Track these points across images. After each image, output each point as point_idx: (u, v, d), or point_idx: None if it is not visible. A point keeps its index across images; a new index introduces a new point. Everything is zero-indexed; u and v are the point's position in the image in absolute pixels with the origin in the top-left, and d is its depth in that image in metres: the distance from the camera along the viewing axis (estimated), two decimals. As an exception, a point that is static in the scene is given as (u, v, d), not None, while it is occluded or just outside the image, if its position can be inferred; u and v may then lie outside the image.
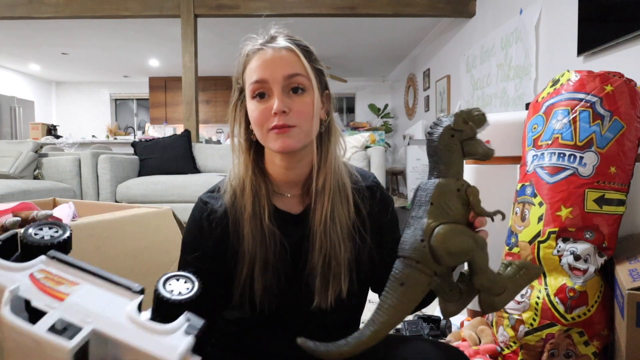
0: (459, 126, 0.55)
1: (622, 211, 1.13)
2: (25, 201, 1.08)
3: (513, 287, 0.57)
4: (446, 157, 0.56)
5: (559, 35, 2.45)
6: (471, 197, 0.55)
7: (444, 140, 0.55)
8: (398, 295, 0.53)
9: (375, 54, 6.27)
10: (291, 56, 0.67)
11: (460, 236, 0.53)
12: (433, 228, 0.53)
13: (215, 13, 3.98)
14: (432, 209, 0.54)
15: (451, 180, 0.55)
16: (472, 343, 1.33)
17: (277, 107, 0.64)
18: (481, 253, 0.54)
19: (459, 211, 0.54)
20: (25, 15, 3.96)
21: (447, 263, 0.53)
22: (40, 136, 6.00)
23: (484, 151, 0.56)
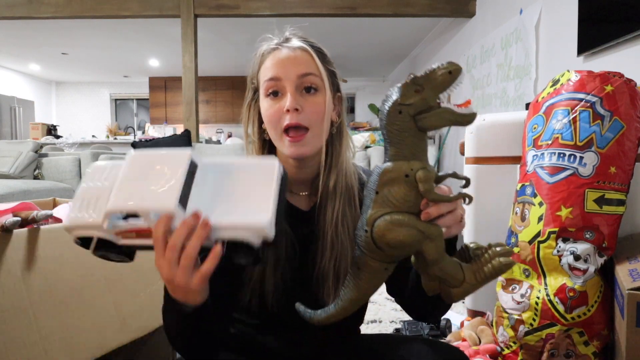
0: (406, 99, 0.47)
1: (622, 211, 1.13)
2: (25, 201, 1.08)
3: (472, 281, 0.51)
4: (395, 137, 0.49)
5: (559, 35, 2.45)
6: (420, 184, 0.48)
7: (390, 117, 0.48)
8: (357, 278, 0.54)
9: (375, 54, 6.27)
10: (305, 56, 0.68)
11: (401, 228, 0.48)
12: (374, 219, 0.50)
13: (215, 13, 3.98)
14: (376, 198, 0.50)
15: (399, 165, 0.49)
16: (472, 343, 1.33)
17: (289, 105, 0.65)
18: (431, 244, 0.49)
19: (405, 199, 0.49)
20: (25, 15, 3.96)
21: (392, 254, 0.51)
22: (40, 136, 6.00)
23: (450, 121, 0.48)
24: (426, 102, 0.47)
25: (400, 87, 0.48)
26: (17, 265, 0.85)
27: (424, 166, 0.49)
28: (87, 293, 0.95)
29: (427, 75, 0.47)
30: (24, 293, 0.84)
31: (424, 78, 0.47)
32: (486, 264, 0.51)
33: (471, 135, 1.57)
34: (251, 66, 0.73)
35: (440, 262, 0.50)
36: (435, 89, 0.47)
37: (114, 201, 0.47)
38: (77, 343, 0.90)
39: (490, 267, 0.50)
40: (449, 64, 0.47)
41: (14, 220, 0.87)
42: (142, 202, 0.47)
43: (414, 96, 0.47)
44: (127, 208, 0.47)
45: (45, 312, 0.87)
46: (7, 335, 0.80)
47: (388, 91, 0.50)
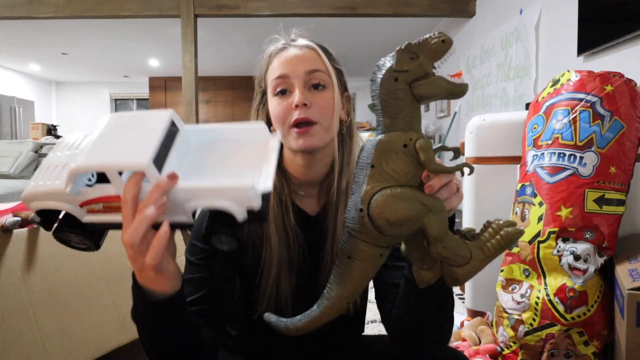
0: (402, 66, 0.45)
1: (622, 211, 1.13)
2: (25, 201, 1.08)
3: (480, 257, 0.47)
4: (391, 107, 0.46)
5: (559, 35, 2.45)
6: (420, 153, 0.45)
7: (386, 86, 0.46)
8: (346, 269, 0.49)
9: (375, 54, 6.25)
10: (312, 53, 0.69)
11: (403, 202, 0.45)
12: (371, 195, 0.45)
13: (215, 13, 3.98)
14: (372, 172, 0.46)
15: (396, 135, 0.46)
16: (472, 343, 1.33)
17: (298, 100, 0.65)
18: (434, 218, 0.45)
19: (405, 171, 0.45)
20: (25, 15, 3.96)
21: (391, 234, 0.46)
22: (40, 136, 5.99)
23: (446, 90, 0.45)
24: (423, 69, 0.45)
25: (394, 54, 0.46)
26: (17, 265, 0.85)
27: (421, 136, 0.46)
28: (87, 293, 0.95)
29: (421, 43, 0.45)
30: (24, 293, 0.84)
31: (417, 46, 0.45)
32: (493, 237, 0.47)
33: (471, 135, 1.57)
34: (259, 68, 0.73)
35: (444, 239, 0.46)
36: (430, 57, 0.45)
37: (81, 160, 0.41)
38: (77, 343, 0.90)
39: (499, 238, 0.47)
40: (440, 34, 0.45)
41: (14, 220, 0.87)
42: (112, 159, 0.41)
43: (410, 63, 0.45)
44: (94, 166, 0.41)
45: (45, 312, 0.87)
46: (7, 335, 0.80)
47: (379, 61, 0.48)
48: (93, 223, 0.44)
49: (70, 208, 0.43)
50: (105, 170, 0.41)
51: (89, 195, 0.43)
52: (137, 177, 0.42)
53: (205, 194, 0.42)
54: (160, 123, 0.44)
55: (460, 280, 0.48)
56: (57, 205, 0.43)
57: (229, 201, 0.41)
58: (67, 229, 0.45)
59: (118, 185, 0.42)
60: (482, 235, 0.48)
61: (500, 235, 0.47)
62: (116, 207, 0.43)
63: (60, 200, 0.43)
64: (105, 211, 0.44)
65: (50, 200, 0.43)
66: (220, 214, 0.42)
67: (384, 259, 0.49)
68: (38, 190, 0.43)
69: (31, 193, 0.44)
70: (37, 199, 0.44)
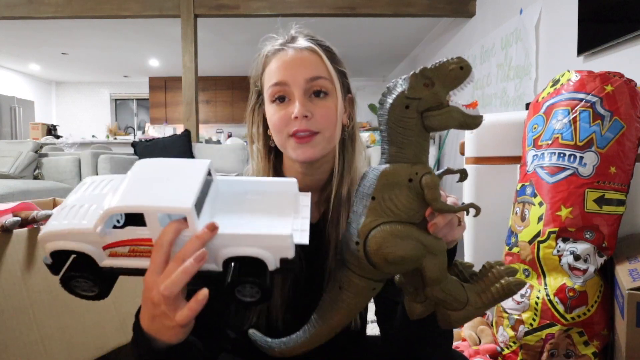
0: (415, 93, 0.41)
1: (622, 211, 1.13)
2: (25, 201, 1.08)
3: (477, 304, 0.45)
4: (398, 136, 0.42)
5: (559, 35, 2.45)
6: (426, 190, 0.42)
7: (395, 113, 0.42)
8: (336, 299, 0.46)
9: (375, 54, 6.27)
10: (313, 57, 0.63)
11: (403, 241, 0.42)
12: (369, 229, 0.43)
13: (215, 13, 3.98)
14: (372, 204, 0.43)
15: (401, 167, 0.43)
16: (472, 343, 1.33)
17: (298, 112, 0.60)
18: (434, 260, 0.43)
19: (408, 207, 0.43)
20: (25, 15, 3.96)
21: (387, 271, 0.43)
22: (40, 136, 5.99)
23: (459, 122, 0.42)
24: (437, 98, 0.41)
25: (407, 78, 0.42)
26: (17, 265, 0.85)
27: (429, 170, 0.43)
28: (87, 293, 0.95)
29: (438, 68, 0.41)
30: (24, 293, 0.84)
31: (434, 71, 0.41)
32: (492, 284, 0.45)
33: (471, 135, 1.57)
34: (254, 67, 0.68)
35: (442, 282, 0.44)
36: (446, 85, 0.41)
37: (119, 199, 0.40)
38: (77, 343, 0.90)
39: (499, 286, 0.44)
40: (459, 59, 0.41)
41: (14, 220, 0.87)
42: (152, 201, 0.40)
43: (424, 90, 0.41)
44: (134, 207, 0.40)
45: (45, 312, 0.87)
46: (7, 335, 0.80)
47: (390, 83, 0.44)
48: (111, 267, 0.43)
49: (91, 250, 0.42)
50: (145, 211, 0.40)
51: (117, 237, 0.41)
52: (179, 223, 0.41)
53: (241, 241, 0.41)
54: (198, 171, 0.44)
55: (453, 324, 0.46)
56: (78, 246, 0.41)
57: (264, 249, 0.41)
58: (78, 273, 0.42)
59: (154, 228, 0.41)
60: (482, 280, 0.46)
61: (501, 284, 0.45)
62: (143, 252, 0.42)
63: (83, 240, 0.41)
64: (130, 255, 0.42)
65: (71, 241, 0.41)
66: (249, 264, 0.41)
67: (376, 292, 0.47)
68: (60, 230, 0.41)
69: (51, 232, 0.41)
70: (57, 239, 0.41)
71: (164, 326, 0.44)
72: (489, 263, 0.47)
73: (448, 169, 0.50)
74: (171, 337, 0.44)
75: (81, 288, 0.44)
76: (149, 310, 0.43)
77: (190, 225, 0.41)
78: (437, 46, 5.14)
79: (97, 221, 0.41)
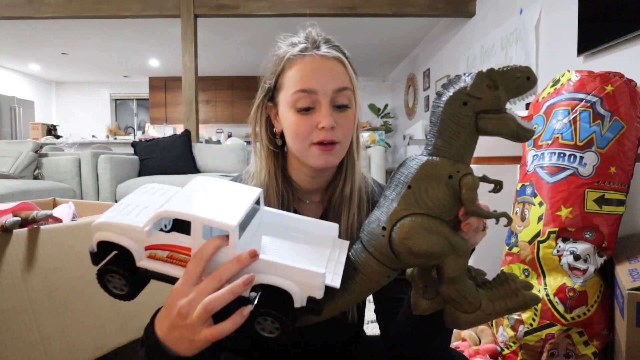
0: (476, 91, 0.41)
1: (621, 211, 1.13)
2: (25, 201, 1.08)
3: (489, 311, 0.45)
4: (448, 130, 0.42)
5: (559, 35, 2.45)
6: (464, 189, 0.42)
7: (451, 107, 0.41)
8: (349, 280, 0.46)
9: (375, 54, 6.27)
10: (340, 68, 0.64)
11: (431, 235, 0.42)
12: (399, 217, 0.42)
13: (215, 13, 3.98)
14: (407, 192, 0.42)
15: (444, 162, 0.42)
16: (472, 343, 1.33)
17: (327, 123, 0.61)
18: (456, 260, 0.43)
19: (443, 203, 0.42)
20: (25, 15, 3.96)
21: (408, 262, 0.43)
22: (40, 136, 5.99)
23: (512, 131, 0.41)
24: (498, 102, 0.41)
25: (473, 76, 0.41)
26: (17, 265, 0.85)
27: (470, 171, 0.43)
28: (87, 293, 0.95)
29: (505, 73, 0.41)
30: (24, 293, 0.84)
31: (501, 74, 0.41)
32: (508, 296, 0.45)
33: (471, 135, 1.57)
34: (270, 65, 0.67)
35: (459, 282, 0.43)
36: (509, 91, 0.41)
37: (171, 204, 0.43)
38: (77, 343, 0.90)
39: (515, 299, 0.45)
40: (527, 69, 0.41)
41: (14, 220, 0.87)
42: (201, 213, 0.42)
43: (486, 91, 0.41)
44: (184, 214, 0.42)
45: (45, 312, 0.86)
46: (7, 335, 0.80)
47: (452, 77, 0.44)
48: (146, 270, 0.44)
49: (134, 247, 0.44)
50: (193, 220, 0.42)
51: (160, 240, 0.43)
52: (220, 240, 0.42)
53: (275, 270, 0.42)
54: (248, 196, 0.47)
55: (461, 325, 0.46)
56: (123, 241, 0.43)
57: (294, 283, 0.41)
58: (116, 268, 0.44)
59: (197, 238, 0.42)
60: (496, 288, 0.46)
61: (517, 297, 0.45)
62: (180, 260, 0.43)
63: (130, 236, 0.43)
64: (167, 261, 0.44)
65: (119, 234, 0.44)
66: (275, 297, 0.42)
67: (389, 280, 0.47)
68: (112, 221, 0.44)
69: (104, 222, 0.44)
70: (107, 230, 0.44)
71: (182, 338, 0.43)
72: (504, 273, 0.47)
73: (484, 176, 0.50)
74: (186, 350, 0.44)
75: (113, 284, 0.45)
76: (172, 319, 0.43)
77: (230, 244, 0.42)
78: (437, 46, 5.14)
79: (147, 221, 0.43)
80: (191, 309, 0.42)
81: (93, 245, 0.45)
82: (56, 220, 1.06)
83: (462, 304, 0.44)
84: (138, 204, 0.47)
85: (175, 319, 0.43)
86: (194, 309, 0.42)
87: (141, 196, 0.49)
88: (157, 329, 0.45)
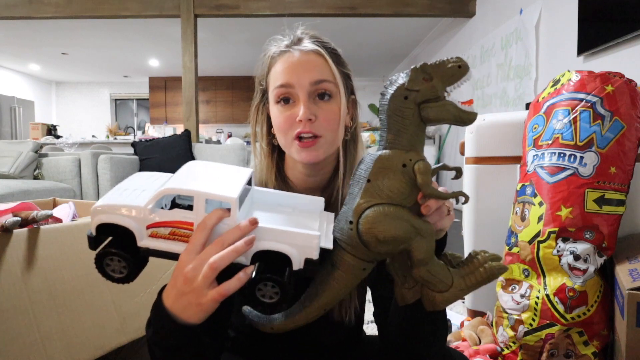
0: (414, 85, 0.45)
1: (622, 211, 1.13)
2: (25, 201, 1.08)
3: (461, 286, 0.48)
4: (396, 124, 0.46)
5: (559, 35, 2.45)
6: (418, 175, 0.45)
7: (394, 102, 0.45)
8: (328, 277, 0.49)
9: (375, 54, 6.27)
10: (319, 60, 0.64)
11: (394, 221, 0.44)
12: (363, 209, 0.45)
13: (215, 13, 3.98)
14: (367, 186, 0.46)
15: (397, 153, 0.46)
16: (472, 343, 1.33)
17: (303, 115, 0.61)
18: (422, 242, 0.45)
19: (400, 191, 0.45)
20: (25, 15, 3.96)
21: (377, 250, 0.46)
22: (40, 136, 6.00)
23: (454, 116, 0.45)
24: (434, 91, 0.45)
25: (408, 72, 0.45)
26: (17, 265, 0.85)
27: (422, 158, 0.46)
28: (87, 293, 0.95)
29: (437, 65, 0.45)
30: (24, 293, 0.84)
31: (433, 67, 0.45)
32: (476, 269, 0.48)
33: (471, 135, 1.57)
34: (260, 67, 0.70)
35: (429, 263, 0.46)
36: (444, 80, 0.45)
37: (173, 182, 0.46)
38: (77, 343, 0.90)
39: (482, 270, 0.48)
40: (457, 59, 0.45)
41: (14, 220, 0.87)
42: (203, 188, 0.45)
43: (422, 84, 0.45)
44: (186, 190, 0.44)
45: (45, 312, 0.86)
46: (7, 335, 0.80)
47: (392, 76, 0.47)
48: (148, 249, 0.45)
49: (135, 227, 0.45)
50: (196, 195, 0.44)
51: (163, 217, 0.45)
52: (222, 211, 0.45)
53: (273, 236, 0.45)
54: (242, 174, 0.50)
55: (438, 305, 0.49)
56: (124, 221, 0.44)
57: (292, 247, 0.45)
58: (116, 250, 0.45)
59: (199, 213, 0.45)
60: (466, 265, 0.49)
61: (484, 268, 0.48)
62: (182, 236, 0.45)
63: (131, 216, 0.45)
64: (169, 238, 0.45)
65: (120, 215, 0.45)
66: (274, 263, 0.45)
67: (367, 273, 0.49)
68: (113, 203, 0.45)
69: (105, 205, 0.45)
70: (108, 212, 0.45)
71: (190, 304, 0.46)
72: (474, 251, 0.50)
73: (444, 164, 0.53)
74: (194, 316, 0.46)
75: (112, 268, 0.46)
76: (178, 287, 0.46)
77: (232, 215, 0.45)
78: (437, 46, 5.14)
79: (150, 199, 0.45)
80: (197, 273, 0.44)
81: (92, 230, 0.46)
82: (56, 220, 1.06)
83: (435, 283, 0.47)
84: (135, 187, 0.48)
85: (182, 285, 0.45)
86: (200, 272, 0.44)
87: (137, 181, 0.50)
88: (164, 300, 0.48)
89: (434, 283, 0.47)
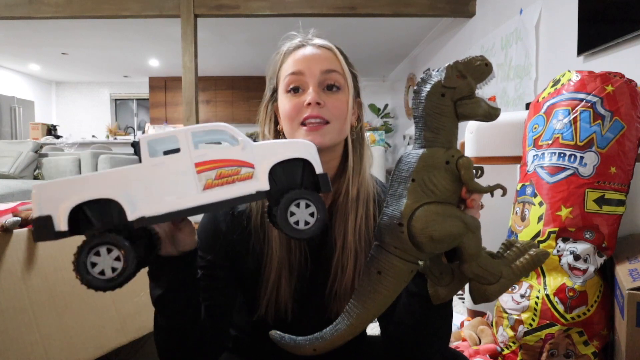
0: (451, 82, 0.45)
1: (621, 211, 1.13)
2: (25, 201, 1.08)
3: (510, 276, 0.48)
4: (434, 122, 0.46)
5: (559, 35, 2.45)
6: (462, 170, 0.45)
7: (431, 100, 0.46)
8: (376, 286, 0.47)
9: (375, 54, 6.27)
10: (329, 54, 0.67)
11: (446, 219, 0.44)
12: (413, 210, 0.45)
13: (215, 13, 3.97)
14: (413, 186, 0.45)
15: (438, 151, 0.46)
16: (472, 343, 1.33)
17: (312, 98, 0.63)
18: (472, 237, 0.45)
19: (447, 188, 0.45)
20: (25, 15, 3.96)
21: (431, 250, 0.45)
22: (40, 136, 5.99)
23: (485, 112, 0.46)
24: (470, 88, 0.46)
25: (443, 69, 0.46)
26: (17, 265, 0.85)
27: (462, 154, 0.46)
28: (87, 293, 0.95)
29: (467, 63, 0.46)
30: (24, 293, 0.84)
31: (465, 65, 0.46)
32: (518, 257, 0.48)
33: (471, 135, 1.57)
34: (272, 65, 0.71)
35: (479, 257, 0.46)
36: (475, 78, 0.46)
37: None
38: (77, 343, 0.90)
39: (529, 257, 0.48)
40: (482, 57, 0.46)
41: (14, 220, 0.87)
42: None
43: (458, 81, 0.45)
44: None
45: (45, 312, 0.86)
46: (7, 335, 0.80)
47: (423, 74, 0.48)
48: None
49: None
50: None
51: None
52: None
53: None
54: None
55: (490, 297, 0.48)
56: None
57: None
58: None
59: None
60: (506, 254, 0.49)
61: (530, 255, 0.48)
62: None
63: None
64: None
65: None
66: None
67: (413, 275, 0.48)
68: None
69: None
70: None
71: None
72: (508, 240, 0.51)
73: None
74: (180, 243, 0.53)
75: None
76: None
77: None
78: (437, 46, 5.14)
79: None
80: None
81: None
82: (56, 220, 1.06)
83: (486, 276, 0.47)
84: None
85: None
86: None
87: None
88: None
89: (485, 276, 0.47)
